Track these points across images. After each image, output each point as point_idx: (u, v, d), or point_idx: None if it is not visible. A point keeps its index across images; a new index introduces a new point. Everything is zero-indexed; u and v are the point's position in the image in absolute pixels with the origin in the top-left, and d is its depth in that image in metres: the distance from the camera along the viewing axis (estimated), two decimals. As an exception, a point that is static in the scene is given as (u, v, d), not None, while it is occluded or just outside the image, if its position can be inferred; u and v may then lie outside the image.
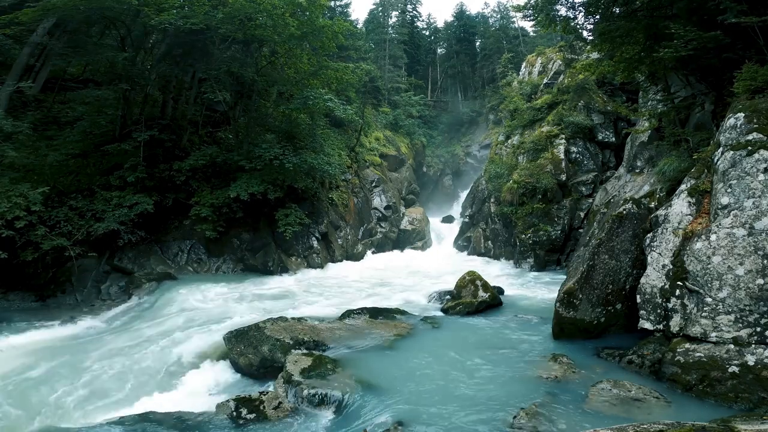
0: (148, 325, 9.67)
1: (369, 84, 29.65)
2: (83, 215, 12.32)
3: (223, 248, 14.96)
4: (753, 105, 6.54)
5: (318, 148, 16.58)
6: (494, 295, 10.52)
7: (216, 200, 14.28)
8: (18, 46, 12.59)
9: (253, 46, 16.20)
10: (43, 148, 12.41)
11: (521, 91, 23.23)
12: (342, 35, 17.48)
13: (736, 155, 6.21)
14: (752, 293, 5.62)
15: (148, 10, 12.98)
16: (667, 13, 8.83)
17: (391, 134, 30.28)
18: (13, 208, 10.24)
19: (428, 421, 5.13)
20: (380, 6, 43.74)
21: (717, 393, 5.42)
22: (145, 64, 15.45)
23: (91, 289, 12.32)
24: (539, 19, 11.69)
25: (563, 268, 15.59)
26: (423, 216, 25.55)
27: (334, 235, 18.66)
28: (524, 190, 17.10)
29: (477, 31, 47.91)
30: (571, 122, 17.73)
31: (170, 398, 6.59)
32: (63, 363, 7.62)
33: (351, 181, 21.66)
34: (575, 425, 4.91)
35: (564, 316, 7.64)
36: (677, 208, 6.97)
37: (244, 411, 5.70)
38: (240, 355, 7.36)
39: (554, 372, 6.31)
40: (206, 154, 15.02)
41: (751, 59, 7.35)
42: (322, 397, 5.85)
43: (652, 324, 6.59)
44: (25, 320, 9.93)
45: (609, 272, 7.64)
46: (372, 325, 8.70)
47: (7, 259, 10.16)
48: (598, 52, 12.26)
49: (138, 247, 13.55)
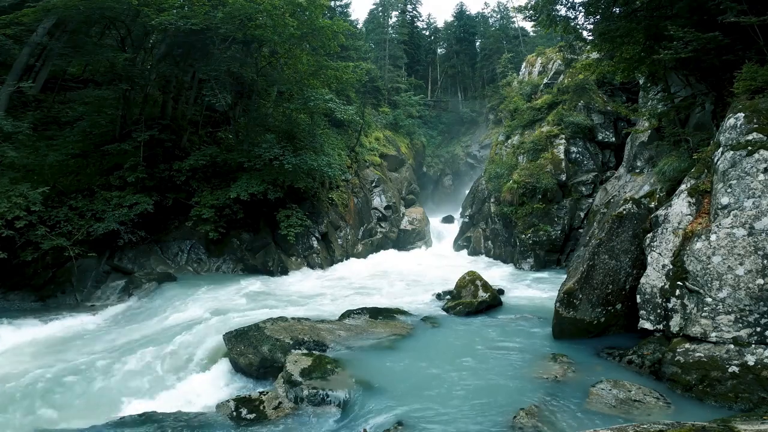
0: (148, 325, 9.68)
1: (369, 84, 29.67)
2: (83, 215, 12.33)
3: (223, 248, 14.96)
4: (753, 105, 6.54)
5: (318, 148, 16.57)
6: (494, 295, 10.52)
7: (216, 201, 14.28)
8: (18, 46, 12.57)
9: (253, 46, 16.20)
10: (43, 148, 12.40)
11: (521, 91, 23.21)
12: (342, 35, 17.47)
13: (736, 155, 6.22)
14: (752, 293, 5.62)
15: (148, 10, 12.98)
16: (667, 13, 8.82)
17: (391, 134, 30.29)
18: (13, 208, 10.24)
19: (428, 421, 5.13)
20: (380, 6, 43.77)
21: (717, 393, 5.42)
22: (145, 64, 15.45)
23: (91, 289, 12.32)
24: (540, 19, 11.67)
25: (563, 268, 15.59)
26: (423, 216, 25.55)
27: (334, 235, 18.66)
28: (524, 190, 17.10)
29: (477, 31, 47.96)
30: (571, 122, 17.73)
31: (170, 398, 6.59)
32: (62, 363, 7.61)
33: (351, 181, 21.66)
34: (575, 425, 4.92)
35: (564, 316, 7.65)
36: (677, 208, 6.97)
37: (244, 411, 5.71)
38: (240, 355, 7.36)
39: (554, 372, 6.31)
40: (206, 154, 15.02)
41: (751, 59, 7.35)
42: (322, 397, 5.85)
43: (652, 324, 6.60)
44: (25, 320, 9.91)
45: (609, 272, 7.65)
46: (372, 325, 8.70)
47: (7, 259, 10.17)
48: (598, 52, 12.25)
49: (138, 247, 13.56)
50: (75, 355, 8.04)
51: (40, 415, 6.14)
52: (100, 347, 8.39)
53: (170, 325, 9.38)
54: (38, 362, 7.68)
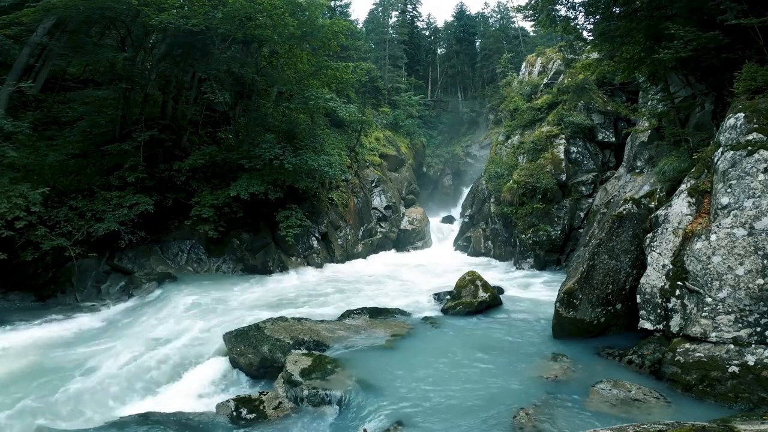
0: (148, 325, 9.67)
1: (369, 84, 29.65)
2: (83, 215, 12.31)
3: (223, 248, 14.95)
4: (753, 105, 6.54)
5: (318, 148, 16.56)
6: (494, 295, 10.52)
7: (216, 200, 14.26)
8: (18, 46, 12.57)
9: (253, 46, 16.19)
10: (43, 148, 12.39)
11: (521, 91, 23.21)
12: (342, 35, 17.47)
13: (736, 155, 6.22)
14: (752, 293, 5.62)
15: (148, 10, 12.97)
16: (667, 13, 8.82)
17: (391, 134, 30.28)
18: (13, 208, 10.22)
19: (428, 420, 5.13)
20: (380, 6, 43.75)
21: (717, 393, 5.42)
22: (145, 64, 15.44)
23: (91, 289, 12.32)
24: (540, 19, 11.68)
25: (563, 268, 15.59)
26: (423, 216, 25.55)
27: (334, 235, 18.66)
28: (524, 190, 17.10)
29: (477, 31, 47.92)
30: (571, 122, 17.73)
31: (170, 398, 6.59)
32: (63, 363, 7.62)
33: (351, 181, 21.66)
34: (575, 425, 4.92)
35: (564, 316, 7.65)
36: (677, 208, 6.97)
37: (244, 411, 5.71)
38: (240, 355, 7.36)
39: (554, 371, 6.31)
40: (206, 153, 15.01)
41: (751, 59, 7.36)
42: (322, 397, 5.85)
43: (652, 324, 6.60)
44: (25, 320, 9.92)
45: (609, 272, 7.65)
46: (372, 325, 8.71)
47: (7, 259, 10.16)
48: (598, 52, 12.26)
49: (138, 247, 13.54)
50: (75, 354, 8.03)
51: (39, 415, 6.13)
52: (100, 347, 8.38)
53: (170, 326, 9.36)
54: (38, 362, 7.68)
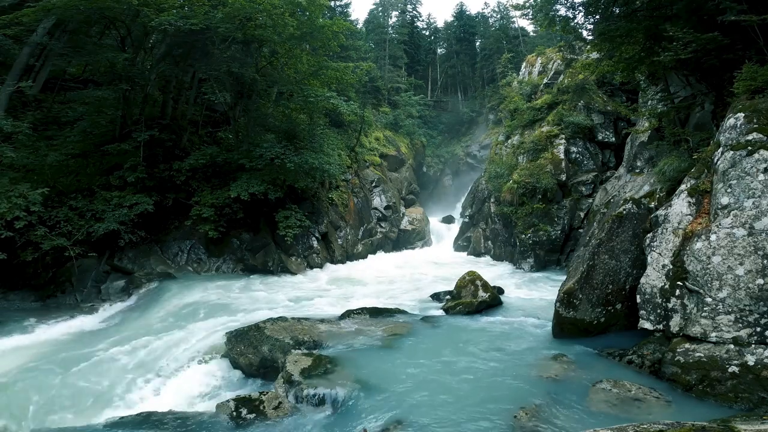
0: (148, 325, 9.67)
1: (369, 84, 29.66)
2: (83, 215, 12.31)
3: (223, 248, 14.95)
4: (753, 105, 6.54)
5: (318, 148, 16.58)
6: (494, 295, 10.52)
7: (216, 200, 14.27)
8: (18, 46, 12.57)
9: (253, 46, 16.18)
10: (43, 148, 12.39)
11: (521, 91, 23.22)
12: (342, 35, 17.48)
13: (736, 155, 6.21)
14: (752, 293, 5.62)
15: (148, 11, 12.97)
16: (667, 13, 8.82)
17: (391, 134, 30.29)
18: (13, 208, 10.22)
19: (427, 420, 5.13)
20: (380, 6, 43.81)
21: (717, 393, 5.42)
22: (145, 64, 15.43)
23: (91, 289, 12.31)
24: (539, 18, 11.70)
25: (563, 268, 15.58)
26: (423, 216, 25.56)
27: (334, 235, 18.66)
28: (524, 190, 17.10)
29: (477, 31, 47.96)
30: (571, 122, 17.73)
31: (170, 398, 6.60)
32: (63, 363, 7.60)
33: (351, 181, 21.67)
34: (575, 425, 4.91)
35: (564, 316, 7.64)
36: (677, 208, 6.97)
37: (244, 411, 5.70)
38: (240, 355, 7.36)
39: (554, 371, 6.31)
40: (206, 153, 15.01)
41: (751, 59, 7.35)
42: (322, 397, 5.85)
43: (652, 324, 6.59)
44: (25, 320, 9.91)
45: (609, 272, 7.64)
46: (372, 324, 8.70)
47: (7, 259, 10.15)
48: (598, 52, 12.26)
49: (138, 247, 13.54)
50: (74, 354, 8.02)
51: (39, 415, 6.14)
52: (100, 347, 8.36)
53: (169, 326, 9.37)
54: (38, 362, 7.67)
